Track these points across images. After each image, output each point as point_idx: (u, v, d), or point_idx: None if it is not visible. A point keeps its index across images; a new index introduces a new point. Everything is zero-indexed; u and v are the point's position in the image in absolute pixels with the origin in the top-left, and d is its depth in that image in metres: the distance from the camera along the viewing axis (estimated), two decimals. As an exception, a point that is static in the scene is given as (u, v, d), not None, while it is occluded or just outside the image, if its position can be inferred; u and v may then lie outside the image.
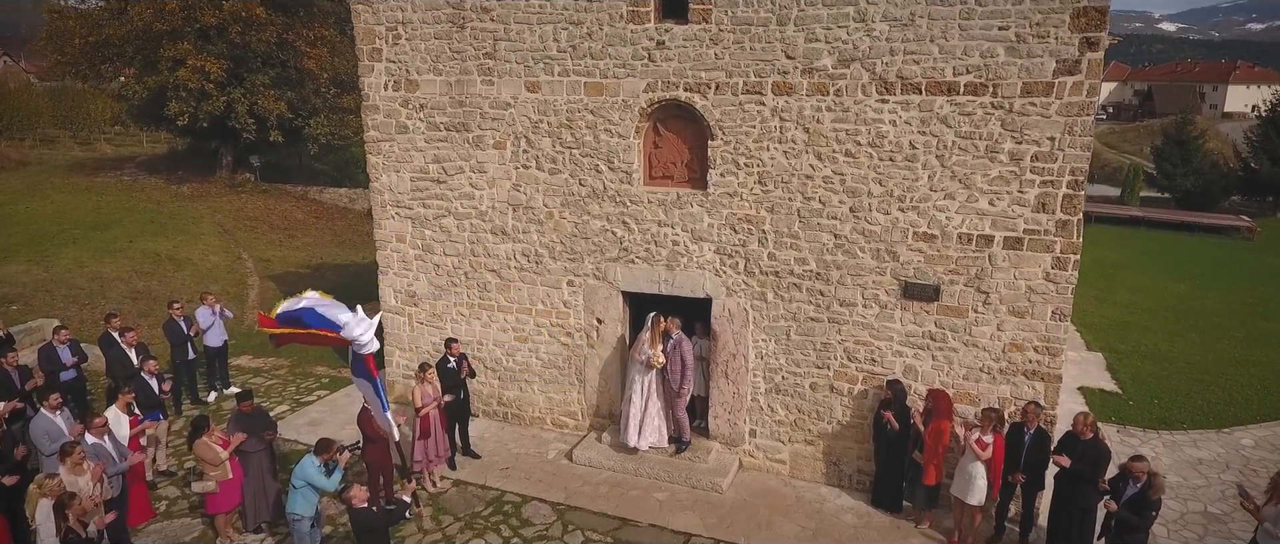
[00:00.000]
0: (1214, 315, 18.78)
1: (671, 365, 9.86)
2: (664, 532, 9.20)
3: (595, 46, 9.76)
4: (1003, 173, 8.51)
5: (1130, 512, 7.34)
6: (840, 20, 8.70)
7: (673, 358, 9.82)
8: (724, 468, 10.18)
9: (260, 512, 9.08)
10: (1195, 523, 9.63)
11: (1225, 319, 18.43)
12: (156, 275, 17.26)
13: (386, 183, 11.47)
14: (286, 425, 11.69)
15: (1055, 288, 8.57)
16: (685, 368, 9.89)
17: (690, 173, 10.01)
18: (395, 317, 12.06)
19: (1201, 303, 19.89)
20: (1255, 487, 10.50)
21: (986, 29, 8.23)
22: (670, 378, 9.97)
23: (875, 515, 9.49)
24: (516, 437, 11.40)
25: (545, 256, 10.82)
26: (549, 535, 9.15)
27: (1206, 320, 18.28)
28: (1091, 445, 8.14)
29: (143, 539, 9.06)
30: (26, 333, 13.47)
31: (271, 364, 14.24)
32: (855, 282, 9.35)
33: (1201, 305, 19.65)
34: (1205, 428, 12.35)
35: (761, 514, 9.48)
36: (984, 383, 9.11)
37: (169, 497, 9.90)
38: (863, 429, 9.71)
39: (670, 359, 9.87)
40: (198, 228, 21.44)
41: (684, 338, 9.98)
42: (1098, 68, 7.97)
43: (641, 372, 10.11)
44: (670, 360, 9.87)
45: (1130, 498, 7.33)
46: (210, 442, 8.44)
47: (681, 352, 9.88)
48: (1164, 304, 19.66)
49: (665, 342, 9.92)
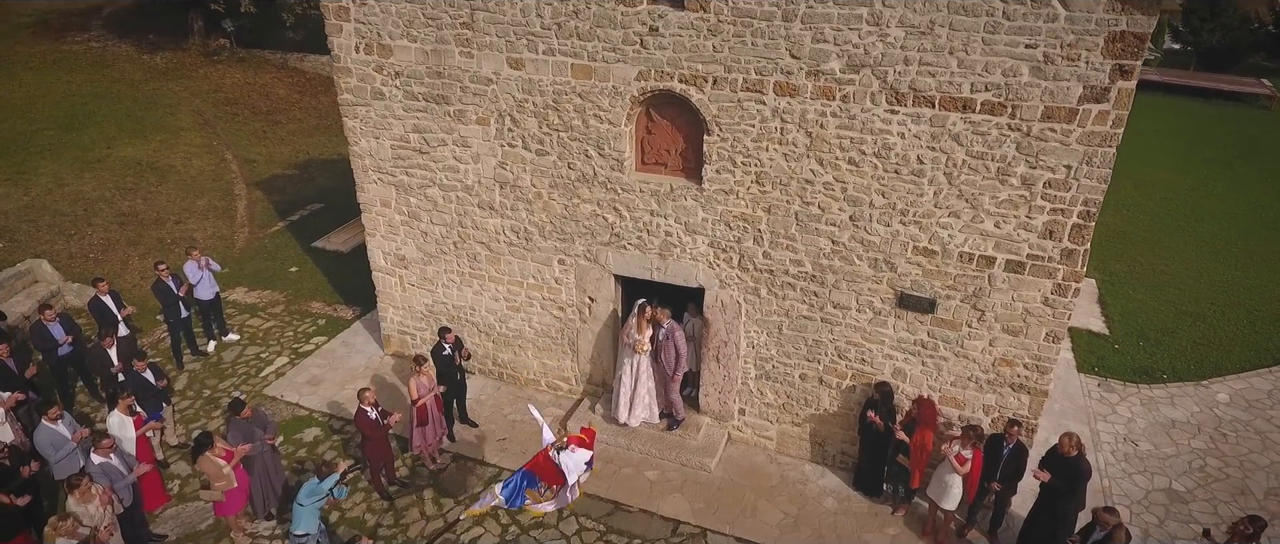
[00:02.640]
0: (1216, 221, 18.57)
1: (666, 355, 9.94)
2: (654, 518, 9.71)
3: (582, 26, 8.90)
4: (1012, 197, 8.09)
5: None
6: (852, 22, 7.87)
7: (666, 347, 9.87)
8: (713, 445, 10.55)
9: (268, 501, 9.51)
10: (1158, 504, 10.13)
11: (1226, 226, 18.24)
12: (140, 191, 16.80)
13: (366, 148, 10.91)
14: (286, 384, 11.96)
15: (1052, 312, 8.44)
16: (679, 356, 9.97)
17: (684, 162, 9.50)
18: (386, 277, 11.94)
19: (1205, 204, 19.57)
20: (1222, 455, 11.03)
21: (1012, 46, 7.47)
22: (665, 364, 10.07)
23: (855, 499, 9.97)
24: (512, 399, 11.69)
25: (535, 235, 10.53)
26: (545, 523, 9.67)
27: (1207, 228, 18.10)
28: (1073, 463, 8.38)
29: (159, 526, 9.57)
30: (17, 277, 13.39)
31: (267, 299, 14.28)
32: (850, 287, 9.19)
33: (1205, 208, 19.36)
34: (1184, 380, 12.64)
35: (747, 499, 9.96)
36: (970, 391, 9.22)
37: (181, 475, 10.33)
38: (849, 417, 9.95)
39: (664, 348, 9.92)
40: (176, 119, 20.57)
41: (676, 326, 9.97)
42: (1127, 98, 7.33)
43: (630, 353, 10.19)
44: (664, 349, 9.92)
45: (1095, 541, 7.69)
46: (214, 457, 8.67)
47: (675, 340, 9.91)
48: (1166, 206, 19.38)
49: (656, 330, 9.93)
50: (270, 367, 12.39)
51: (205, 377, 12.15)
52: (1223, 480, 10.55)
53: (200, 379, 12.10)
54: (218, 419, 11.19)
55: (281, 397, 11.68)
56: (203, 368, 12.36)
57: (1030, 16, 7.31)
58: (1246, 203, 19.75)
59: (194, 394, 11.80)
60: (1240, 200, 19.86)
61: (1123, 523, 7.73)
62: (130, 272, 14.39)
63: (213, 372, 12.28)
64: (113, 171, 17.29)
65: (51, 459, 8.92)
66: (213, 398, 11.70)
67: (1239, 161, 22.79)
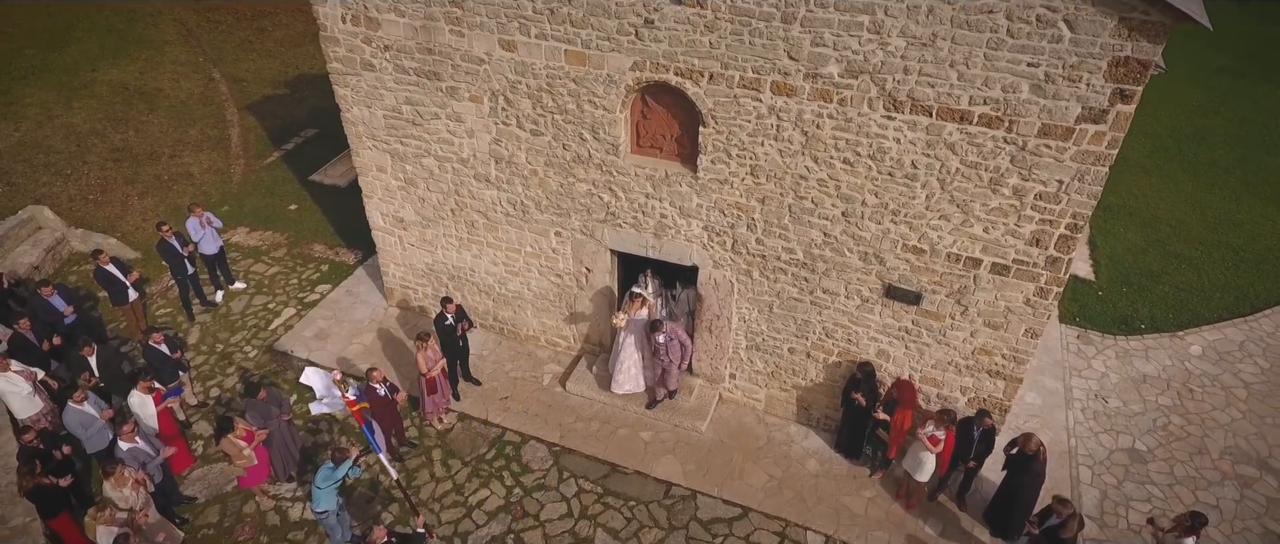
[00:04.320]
0: (1217, 144, 18.45)
1: (670, 353, 10.24)
2: (648, 480, 10.43)
3: (576, 14, 8.62)
4: (1003, 205, 8.17)
5: (1046, 539, 8.44)
6: (852, 29, 7.66)
7: (671, 348, 10.18)
8: (704, 408, 11.13)
9: (288, 466, 10.18)
10: (1119, 464, 10.83)
11: (1226, 152, 18.14)
12: (131, 121, 16.54)
13: (359, 115, 10.78)
14: (294, 339, 12.39)
15: (1033, 312, 8.73)
16: (684, 353, 10.28)
17: (680, 148, 9.47)
18: (386, 235, 12.10)
19: (1209, 124, 19.35)
20: (1185, 412, 11.67)
21: (1014, 63, 7.33)
22: (669, 359, 10.37)
23: (836, 462, 10.66)
24: (513, 355, 12.18)
25: (531, 208, 10.62)
26: (546, 484, 10.39)
27: (1207, 155, 18.02)
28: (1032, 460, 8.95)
29: (187, 487, 10.29)
30: (20, 225, 13.54)
31: (269, 241, 14.48)
32: (840, 276, 9.42)
33: (1208, 128, 19.16)
34: (1162, 330, 13.10)
35: (735, 461, 10.64)
36: (949, 374, 9.66)
37: (203, 435, 10.97)
38: (833, 387, 10.46)
39: (668, 349, 10.22)
40: (159, 31, 19.84)
41: (676, 328, 10.22)
42: (1125, 121, 7.28)
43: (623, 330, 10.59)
44: (669, 350, 10.22)
45: (1049, 527, 8.37)
46: (235, 439, 9.23)
47: (679, 338, 10.20)
48: (1169, 126, 19.20)
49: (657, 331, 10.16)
50: (278, 319, 12.79)
51: (216, 330, 12.59)
52: (1183, 439, 11.22)
53: (212, 333, 12.54)
54: (232, 378, 11.73)
55: (291, 352, 12.16)
56: (213, 320, 12.77)
57: (1034, 36, 7.13)
58: (1253, 122, 19.50)
59: (207, 349, 12.28)
60: (1247, 119, 19.60)
61: (1077, 512, 8.39)
62: (131, 214, 14.51)
63: (223, 324, 12.70)
64: (101, 99, 16.96)
65: (82, 438, 9.49)
66: (226, 354, 12.18)
67: (1252, 71, 22.24)
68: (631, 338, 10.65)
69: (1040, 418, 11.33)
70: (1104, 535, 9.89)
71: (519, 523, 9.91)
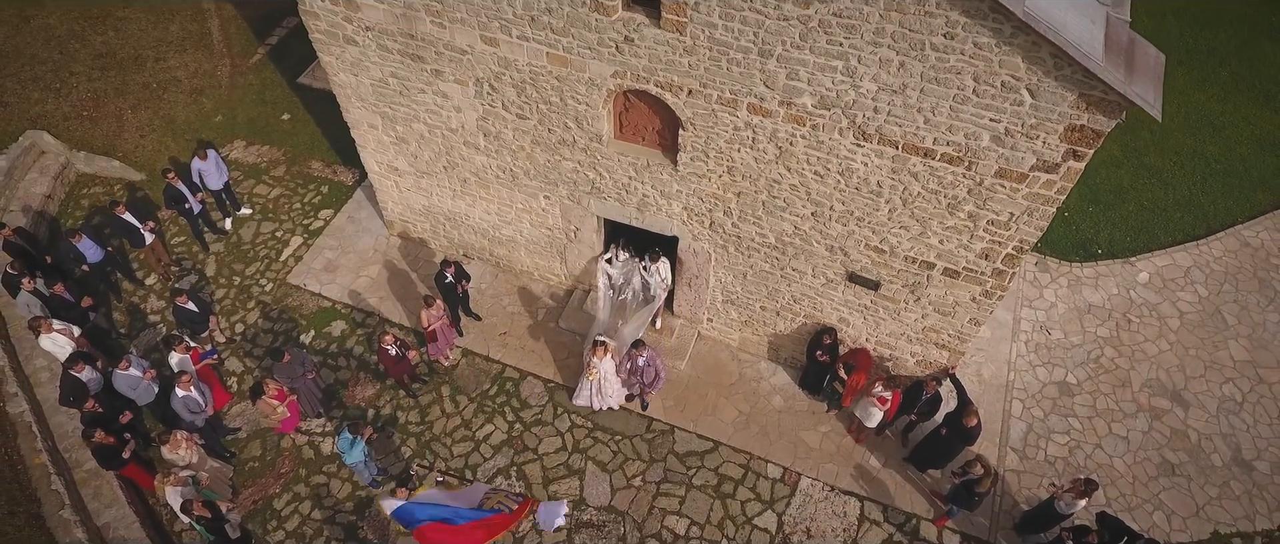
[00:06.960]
0: (1220, 26, 17.88)
1: (645, 377, 10.82)
2: (631, 416, 11.87)
3: (556, 23, 8.64)
4: (958, 224, 8.78)
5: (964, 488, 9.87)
6: (826, 70, 7.85)
7: (646, 372, 10.76)
8: (684, 347, 12.32)
9: (315, 406, 11.57)
10: (1048, 397, 12.21)
11: (1227, 36, 17.67)
12: (110, 20, 16.04)
13: (346, 81, 10.90)
14: (305, 272, 13.29)
15: (977, 307, 9.63)
16: (658, 377, 10.87)
17: (661, 139, 9.81)
18: (382, 179, 12.58)
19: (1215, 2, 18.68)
20: (1119, 344, 12.88)
21: (978, 117, 7.64)
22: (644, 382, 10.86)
23: (798, 398, 12.04)
24: (509, 289, 13.16)
25: (520, 176, 11.09)
26: (543, 419, 11.85)
27: (1208, 39, 17.49)
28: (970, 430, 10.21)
29: (229, 421, 11.75)
30: (24, 152, 13.89)
31: (267, 157, 14.85)
32: (808, 260, 10.18)
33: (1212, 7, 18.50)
34: (1116, 256, 13.91)
35: (709, 397, 12.03)
36: (902, 342, 10.74)
37: (235, 372, 12.26)
38: (799, 337, 11.59)
39: (644, 372, 10.76)
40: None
41: (655, 354, 10.78)
42: (1075, 174, 7.74)
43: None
44: (644, 373, 10.76)
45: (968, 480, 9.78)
46: (269, 399, 10.49)
47: (655, 366, 10.77)
48: (1174, 5, 18.54)
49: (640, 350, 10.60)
50: (288, 249, 13.59)
51: (231, 261, 13.45)
52: (1111, 371, 12.51)
53: (227, 264, 13.42)
54: (254, 313, 12.78)
55: (304, 286, 13.12)
56: (226, 250, 13.59)
57: (998, 98, 7.40)
58: (1261, 1, 18.81)
59: (225, 281, 13.23)
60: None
61: (990, 472, 9.83)
62: (127, 130, 14.73)
63: (237, 255, 13.54)
64: (75, -3, 16.40)
65: (133, 396, 10.76)
66: (244, 286, 13.14)
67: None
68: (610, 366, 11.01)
69: (985, 351, 12.53)
70: (1023, 466, 11.50)
71: (520, 456, 11.49)
